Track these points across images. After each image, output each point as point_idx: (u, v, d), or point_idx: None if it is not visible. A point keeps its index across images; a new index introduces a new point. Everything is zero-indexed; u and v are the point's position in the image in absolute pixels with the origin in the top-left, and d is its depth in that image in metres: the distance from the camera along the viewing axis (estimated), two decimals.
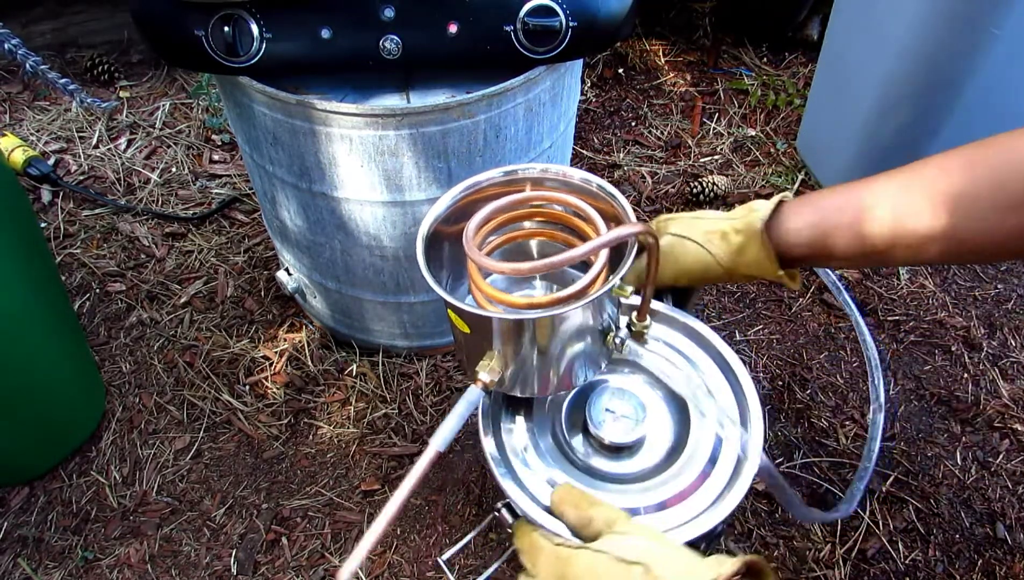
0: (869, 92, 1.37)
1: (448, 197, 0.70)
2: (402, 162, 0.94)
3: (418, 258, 0.64)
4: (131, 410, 1.25)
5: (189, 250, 1.49)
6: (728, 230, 0.68)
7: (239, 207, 1.58)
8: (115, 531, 1.12)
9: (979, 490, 1.16)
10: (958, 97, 1.26)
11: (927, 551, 1.09)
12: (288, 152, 0.97)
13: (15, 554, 1.10)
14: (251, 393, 1.27)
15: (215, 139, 1.73)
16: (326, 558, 1.09)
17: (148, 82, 1.88)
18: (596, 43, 0.93)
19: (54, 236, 1.51)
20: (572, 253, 0.58)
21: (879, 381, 0.77)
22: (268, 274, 1.44)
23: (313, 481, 1.17)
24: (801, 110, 1.75)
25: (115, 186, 1.62)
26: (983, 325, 1.37)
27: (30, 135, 1.72)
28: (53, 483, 1.17)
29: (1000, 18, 1.14)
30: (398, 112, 0.88)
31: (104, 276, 1.44)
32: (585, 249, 0.59)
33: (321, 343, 1.34)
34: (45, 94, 1.83)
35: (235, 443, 1.22)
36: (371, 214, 1.01)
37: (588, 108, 1.82)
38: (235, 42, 0.86)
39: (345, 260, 1.11)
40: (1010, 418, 1.23)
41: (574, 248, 0.59)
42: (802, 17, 1.86)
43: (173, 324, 1.37)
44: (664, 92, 1.87)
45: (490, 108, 0.91)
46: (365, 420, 1.23)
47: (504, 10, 0.88)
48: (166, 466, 1.19)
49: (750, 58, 1.94)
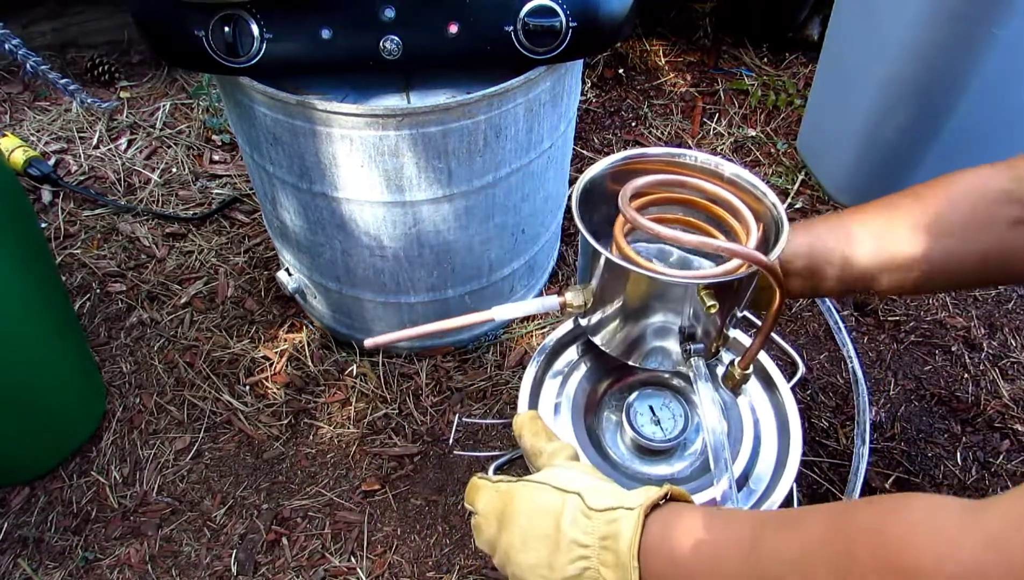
0: (870, 92, 1.37)
1: (610, 160, 0.72)
2: (402, 162, 0.94)
3: (574, 204, 0.67)
4: (131, 410, 1.25)
5: (189, 250, 1.49)
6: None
7: (239, 207, 1.58)
8: (115, 531, 1.12)
9: (980, 490, 1.16)
10: (959, 98, 1.26)
11: None
12: (288, 152, 0.97)
13: (15, 554, 1.10)
14: (251, 393, 1.27)
15: (215, 139, 1.73)
16: (326, 558, 1.08)
17: (148, 82, 1.88)
18: (596, 43, 0.93)
19: (54, 236, 1.51)
20: (721, 243, 0.61)
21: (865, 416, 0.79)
22: (268, 274, 1.44)
23: (313, 481, 1.17)
24: (801, 110, 1.75)
25: (115, 186, 1.62)
26: (983, 325, 1.37)
27: (30, 135, 1.72)
28: (53, 483, 1.17)
29: (1000, 18, 1.14)
30: (398, 112, 0.88)
31: (104, 276, 1.44)
32: (721, 245, 0.61)
33: (321, 343, 1.34)
34: (45, 94, 1.83)
35: (235, 443, 1.22)
36: (371, 214, 1.01)
37: (588, 108, 1.82)
38: (235, 42, 0.86)
39: (345, 260, 1.11)
40: (1010, 418, 1.23)
41: (714, 239, 0.60)
42: (802, 17, 1.86)
43: (173, 324, 1.37)
44: (664, 92, 1.87)
45: (490, 108, 0.91)
46: (365, 420, 1.23)
47: (504, 10, 0.88)
48: (166, 466, 1.19)
49: (750, 58, 1.94)
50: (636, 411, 0.76)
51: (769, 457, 0.75)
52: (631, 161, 0.72)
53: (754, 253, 0.59)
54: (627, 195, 0.64)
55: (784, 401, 0.78)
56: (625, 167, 0.72)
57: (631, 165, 0.72)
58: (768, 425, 0.78)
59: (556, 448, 0.65)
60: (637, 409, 0.76)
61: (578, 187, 0.68)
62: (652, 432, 0.74)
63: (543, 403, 0.79)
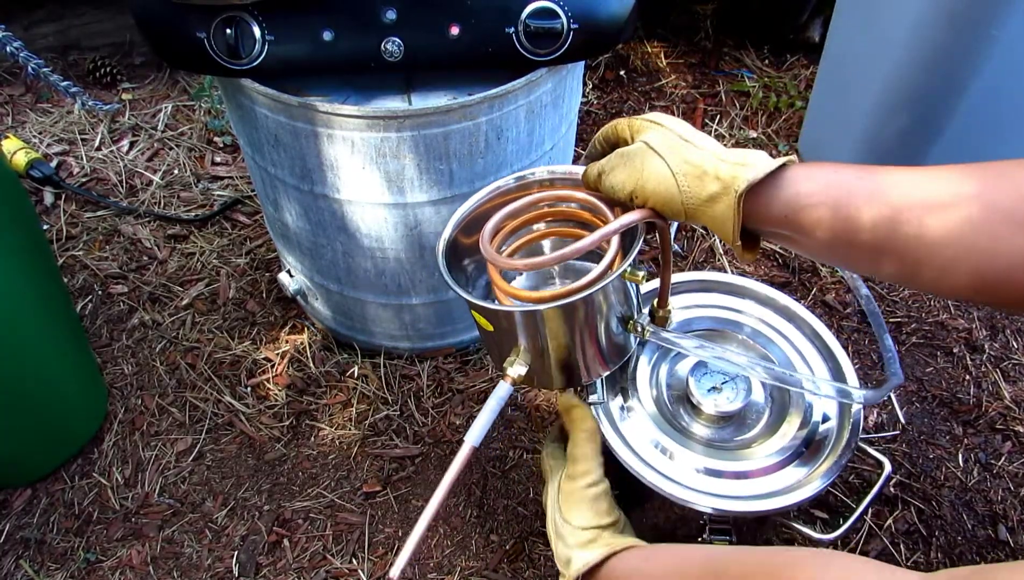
0: (871, 94, 1.37)
1: (463, 209, 0.73)
2: (404, 164, 0.94)
3: (439, 262, 0.67)
4: (133, 412, 1.25)
5: (191, 252, 1.50)
6: (708, 172, 0.59)
7: (241, 209, 1.58)
8: (117, 533, 1.12)
9: (981, 492, 1.15)
10: (960, 99, 1.26)
11: (929, 553, 1.09)
12: (290, 154, 0.97)
13: (17, 556, 1.10)
14: (253, 395, 1.27)
15: (217, 141, 1.73)
16: (328, 560, 1.09)
17: (150, 84, 1.88)
18: (598, 45, 0.93)
19: (56, 238, 1.51)
20: (579, 244, 0.60)
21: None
22: (270, 276, 1.44)
23: (315, 483, 1.17)
24: (803, 112, 1.75)
25: (117, 188, 1.62)
26: (985, 327, 1.37)
27: (33, 137, 1.72)
28: (55, 485, 1.17)
29: (1000, 20, 1.14)
30: (400, 114, 0.88)
31: (106, 278, 1.45)
32: (591, 239, 0.60)
33: (323, 345, 1.34)
34: (47, 96, 1.84)
35: (237, 445, 1.22)
36: (373, 216, 1.02)
37: (590, 110, 1.82)
38: (237, 44, 0.86)
39: (347, 262, 1.11)
40: (1012, 420, 1.23)
41: (581, 239, 0.60)
42: (804, 19, 1.86)
43: (175, 326, 1.37)
44: (666, 94, 1.87)
45: (492, 110, 0.91)
46: (367, 422, 1.23)
47: (506, 12, 0.88)
48: (168, 468, 1.19)
49: (751, 60, 1.94)
50: (698, 383, 0.80)
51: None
52: (483, 203, 0.75)
53: (624, 220, 0.61)
54: (486, 238, 0.65)
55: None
56: (479, 211, 0.74)
57: (484, 207, 0.74)
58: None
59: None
60: (698, 383, 0.80)
61: (441, 261, 0.69)
62: (716, 400, 0.78)
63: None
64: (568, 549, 0.69)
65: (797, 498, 0.71)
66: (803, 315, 0.85)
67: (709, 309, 0.88)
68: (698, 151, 0.61)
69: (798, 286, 1.43)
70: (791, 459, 0.75)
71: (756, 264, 1.47)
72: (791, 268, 1.46)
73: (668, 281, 0.72)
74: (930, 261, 0.53)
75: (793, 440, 0.76)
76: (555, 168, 0.74)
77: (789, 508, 0.71)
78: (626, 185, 0.63)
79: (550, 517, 0.74)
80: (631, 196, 0.63)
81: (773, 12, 1.87)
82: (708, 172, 0.59)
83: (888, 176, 0.55)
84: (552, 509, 0.74)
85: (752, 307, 0.87)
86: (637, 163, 0.62)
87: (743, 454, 0.77)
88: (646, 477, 0.72)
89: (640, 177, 0.62)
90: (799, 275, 1.45)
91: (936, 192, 0.53)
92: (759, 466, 0.74)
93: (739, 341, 0.85)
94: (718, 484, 0.73)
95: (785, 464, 0.75)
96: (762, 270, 1.46)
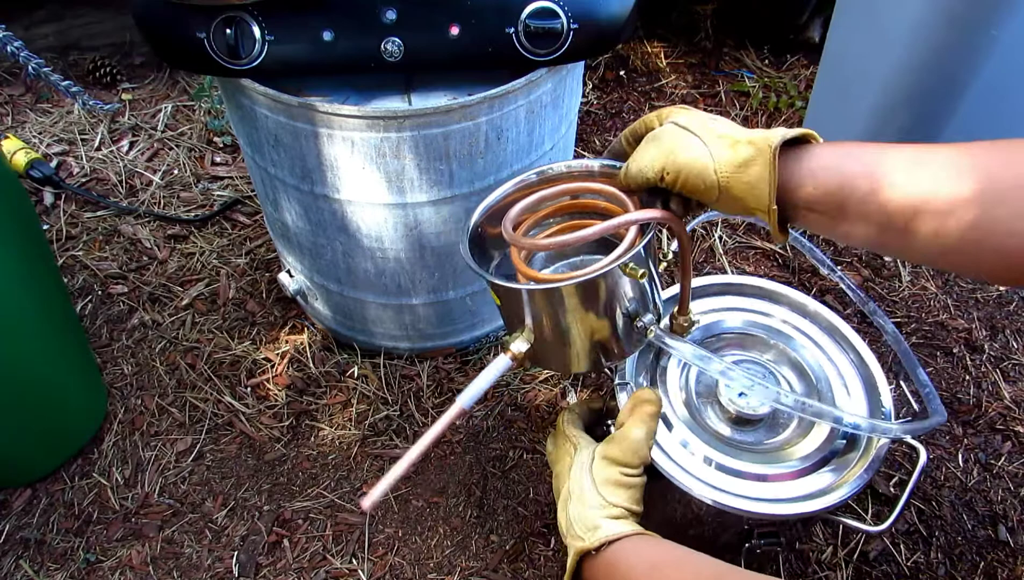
0: (871, 94, 1.37)
1: (488, 200, 0.76)
2: (404, 164, 0.94)
3: (462, 248, 0.71)
4: (133, 412, 1.25)
5: (191, 252, 1.50)
6: (740, 139, 0.61)
7: (241, 209, 1.58)
8: (117, 533, 1.12)
9: (981, 492, 1.15)
10: (960, 99, 1.26)
11: (929, 553, 1.09)
12: (290, 154, 0.97)
13: (17, 556, 1.10)
14: (253, 395, 1.27)
15: (217, 141, 1.73)
16: (328, 560, 1.09)
17: (150, 84, 1.88)
18: (597, 45, 0.93)
19: (56, 238, 1.51)
20: (586, 232, 0.61)
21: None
22: (270, 276, 1.44)
23: (315, 483, 1.17)
24: (803, 112, 1.75)
25: (117, 188, 1.62)
26: (985, 327, 1.37)
27: (32, 137, 1.72)
28: (55, 485, 1.17)
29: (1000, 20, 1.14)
30: (400, 114, 0.88)
31: (106, 278, 1.45)
32: (607, 225, 0.61)
33: (323, 345, 1.34)
34: (47, 96, 1.84)
35: (237, 445, 1.22)
36: (373, 216, 1.02)
37: (590, 110, 1.82)
38: (237, 44, 0.86)
39: (347, 262, 1.11)
40: (1012, 420, 1.23)
41: (590, 228, 0.61)
42: (804, 19, 1.86)
43: (175, 326, 1.37)
44: (666, 94, 1.87)
45: (491, 110, 0.91)
46: (367, 422, 1.23)
47: (506, 12, 0.88)
48: (168, 468, 1.19)
49: (751, 60, 1.94)
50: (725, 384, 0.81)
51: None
52: (504, 198, 0.76)
53: (638, 214, 0.61)
54: (508, 225, 0.67)
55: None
56: (501, 205, 0.75)
57: (505, 201, 0.76)
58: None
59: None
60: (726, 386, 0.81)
61: (464, 246, 0.71)
62: (744, 403, 0.79)
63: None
64: (595, 515, 0.67)
65: (837, 498, 0.72)
66: (837, 325, 0.87)
67: (742, 313, 0.89)
68: (728, 125, 0.63)
69: (798, 286, 1.43)
70: (826, 460, 0.77)
71: (756, 264, 1.47)
72: (791, 268, 1.46)
73: (688, 288, 0.73)
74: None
75: (826, 442, 0.77)
76: (572, 163, 0.76)
77: (835, 507, 0.73)
78: (655, 162, 0.63)
79: (576, 479, 0.70)
80: (661, 173, 0.63)
81: (773, 12, 1.87)
82: (740, 139, 0.61)
83: (922, 153, 0.57)
84: (583, 474, 0.70)
85: (785, 314, 0.88)
86: (667, 140, 0.63)
87: (777, 456, 0.77)
88: (694, 490, 0.74)
89: (672, 152, 0.62)
90: (799, 275, 1.45)
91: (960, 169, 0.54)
92: (794, 468, 0.76)
93: (772, 347, 0.86)
94: (760, 488, 0.74)
95: (820, 466, 0.76)
96: (762, 270, 1.46)
